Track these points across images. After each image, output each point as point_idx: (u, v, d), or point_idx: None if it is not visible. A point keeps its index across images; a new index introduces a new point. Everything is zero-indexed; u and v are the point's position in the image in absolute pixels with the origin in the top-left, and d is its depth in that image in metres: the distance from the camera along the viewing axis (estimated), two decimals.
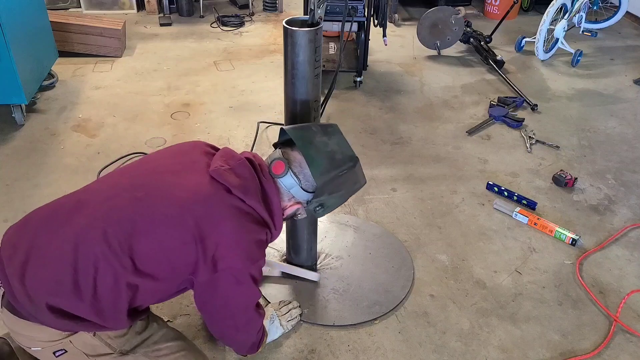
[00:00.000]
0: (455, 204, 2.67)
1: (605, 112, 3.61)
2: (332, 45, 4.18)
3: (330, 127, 1.58)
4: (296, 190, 1.50)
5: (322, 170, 1.48)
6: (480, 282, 2.22)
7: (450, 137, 3.26)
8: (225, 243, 1.35)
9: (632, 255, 2.38)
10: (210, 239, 1.34)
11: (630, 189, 2.83)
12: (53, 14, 4.04)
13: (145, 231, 1.33)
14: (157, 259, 1.34)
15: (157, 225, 1.33)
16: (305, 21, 1.72)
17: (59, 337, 1.37)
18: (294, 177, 1.49)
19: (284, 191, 1.51)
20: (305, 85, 1.77)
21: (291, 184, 1.49)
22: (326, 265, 2.25)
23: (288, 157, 1.50)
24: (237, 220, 1.38)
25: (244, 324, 1.57)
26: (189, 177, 1.41)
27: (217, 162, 1.44)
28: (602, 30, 5.02)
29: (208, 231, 1.34)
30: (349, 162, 1.53)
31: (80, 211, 1.35)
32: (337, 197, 1.57)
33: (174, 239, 1.33)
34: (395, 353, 1.90)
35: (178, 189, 1.37)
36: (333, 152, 1.51)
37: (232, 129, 3.26)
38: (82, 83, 3.77)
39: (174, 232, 1.33)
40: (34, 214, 1.42)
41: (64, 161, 2.90)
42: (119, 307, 1.34)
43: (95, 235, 1.30)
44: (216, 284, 1.40)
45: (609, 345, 1.95)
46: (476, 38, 4.38)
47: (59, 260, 1.29)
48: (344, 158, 1.52)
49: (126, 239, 1.31)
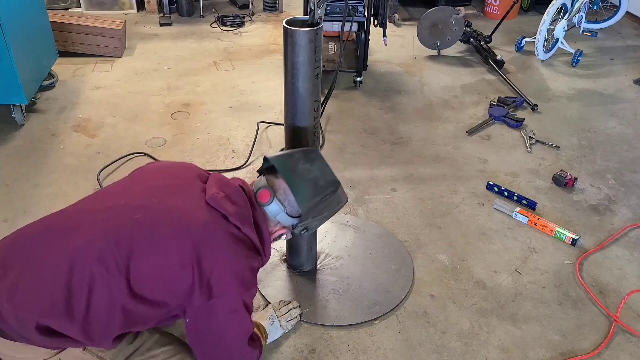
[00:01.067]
0: (455, 204, 2.67)
1: (605, 112, 3.61)
2: (332, 45, 4.18)
3: (313, 152, 1.64)
4: (282, 217, 1.54)
5: (306, 197, 1.53)
6: (480, 282, 2.22)
7: (450, 137, 3.26)
8: (222, 268, 1.37)
9: (632, 255, 2.38)
10: (207, 264, 1.35)
11: (630, 189, 2.83)
12: (53, 14, 4.04)
13: (143, 252, 1.32)
14: (153, 282, 1.33)
15: (155, 247, 1.34)
16: (305, 21, 1.72)
17: (47, 355, 1.35)
18: (280, 204, 1.53)
19: (270, 218, 1.55)
20: (305, 85, 1.77)
21: (277, 211, 1.53)
22: (326, 265, 2.25)
23: (273, 184, 1.54)
24: (233, 247, 1.40)
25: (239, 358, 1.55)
26: (186, 201, 1.42)
27: (212, 188, 1.46)
28: (602, 30, 5.02)
29: (205, 256, 1.35)
30: (331, 187, 1.59)
31: (76, 231, 1.34)
32: (320, 218, 1.63)
33: (172, 262, 1.34)
34: (395, 353, 1.90)
35: (176, 213, 1.39)
36: (316, 179, 1.56)
37: (232, 129, 3.26)
38: (82, 83, 3.77)
39: (171, 256, 1.34)
40: (23, 231, 1.40)
41: (64, 161, 2.90)
42: (109, 330, 1.32)
43: (92, 255, 1.29)
44: (210, 311, 1.39)
45: (609, 345, 1.95)
46: (476, 38, 4.38)
47: (52, 280, 1.28)
48: (327, 184, 1.58)
49: (123, 260, 1.30)
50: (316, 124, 1.91)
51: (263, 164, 1.65)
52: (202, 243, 1.35)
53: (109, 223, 1.35)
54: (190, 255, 1.34)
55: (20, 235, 1.39)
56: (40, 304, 1.26)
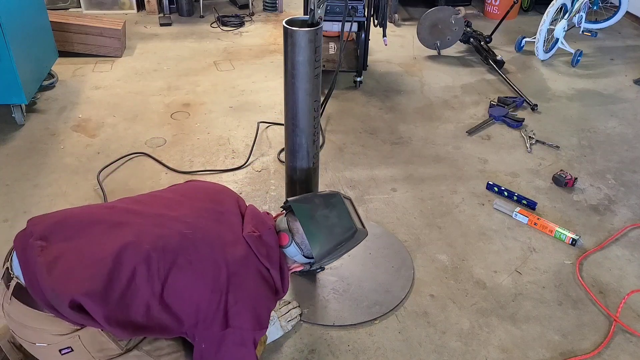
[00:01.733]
0: (455, 204, 2.67)
1: (605, 112, 3.61)
2: (332, 45, 4.18)
3: (334, 197, 1.70)
4: (299, 258, 1.63)
5: (321, 243, 1.60)
6: (480, 282, 2.22)
7: (450, 137, 3.26)
8: (245, 303, 1.46)
9: (632, 255, 2.38)
10: (233, 296, 1.44)
11: (630, 189, 2.83)
12: (53, 14, 4.04)
13: (184, 267, 1.42)
14: (183, 296, 1.42)
15: (196, 266, 1.43)
16: (305, 21, 1.72)
17: (68, 330, 1.39)
18: (297, 247, 1.60)
19: (288, 257, 1.64)
20: (305, 85, 1.77)
21: (294, 253, 1.61)
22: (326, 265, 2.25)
23: (292, 228, 1.62)
24: (259, 286, 1.51)
25: None
26: (228, 231, 1.53)
27: (249, 226, 1.56)
28: (602, 30, 5.02)
29: (234, 288, 1.45)
30: (347, 233, 1.65)
31: (124, 228, 1.44)
32: (336, 257, 1.70)
33: (205, 284, 1.43)
34: (395, 353, 1.90)
35: (219, 241, 1.49)
36: (333, 226, 1.63)
37: (232, 129, 3.26)
38: (82, 83, 3.77)
39: (206, 278, 1.43)
40: (70, 213, 1.50)
41: (64, 161, 2.90)
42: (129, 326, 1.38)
43: (139, 254, 1.38)
44: (222, 339, 1.45)
45: (609, 345, 1.95)
46: (476, 38, 4.38)
47: (97, 265, 1.36)
48: (343, 230, 1.64)
49: (165, 267, 1.40)
50: (316, 124, 1.91)
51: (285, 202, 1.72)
52: (234, 275, 1.45)
53: (161, 230, 1.45)
54: (223, 282, 1.44)
55: (67, 217, 1.48)
56: (80, 284, 1.33)
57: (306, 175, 2.03)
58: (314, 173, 2.04)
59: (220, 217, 1.56)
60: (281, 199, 2.63)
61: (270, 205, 2.61)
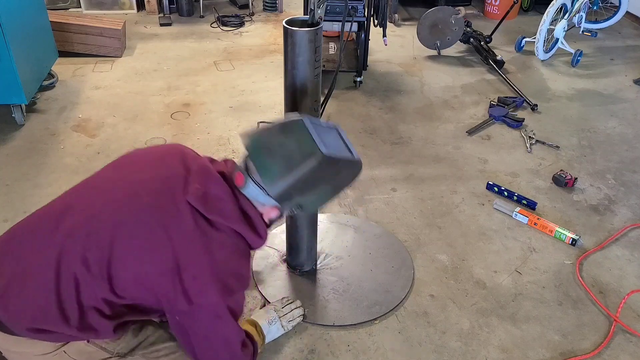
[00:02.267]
0: (455, 204, 2.67)
1: (605, 112, 3.61)
2: (332, 45, 4.18)
3: (296, 123, 1.41)
4: (263, 199, 1.40)
5: (276, 176, 1.35)
6: (480, 282, 2.22)
7: (450, 137, 3.26)
8: (204, 277, 1.32)
9: (632, 255, 2.38)
10: (188, 273, 1.31)
11: (630, 189, 2.83)
12: (53, 14, 4.04)
13: (123, 258, 1.31)
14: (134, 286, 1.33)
15: (136, 254, 1.31)
16: (305, 21, 1.72)
17: (52, 348, 1.36)
18: (256, 186, 1.39)
19: (252, 200, 1.42)
20: (305, 85, 1.77)
21: (256, 193, 1.40)
22: (326, 265, 2.25)
23: (247, 164, 1.41)
24: (218, 252, 1.34)
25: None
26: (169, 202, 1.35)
27: (193, 185, 1.37)
28: (602, 30, 5.02)
29: (186, 265, 1.31)
30: (308, 159, 1.34)
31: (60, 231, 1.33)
32: (316, 194, 1.44)
33: (151, 269, 1.31)
34: (395, 353, 1.90)
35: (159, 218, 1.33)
36: (290, 153, 1.36)
37: (232, 129, 3.26)
38: (82, 83, 3.77)
39: (152, 263, 1.31)
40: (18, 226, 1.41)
41: (64, 161, 2.90)
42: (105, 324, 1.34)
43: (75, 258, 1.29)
44: (192, 316, 1.36)
45: (609, 345, 1.95)
46: (476, 38, 4.38)
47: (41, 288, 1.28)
48: (303, 156, 1.34)
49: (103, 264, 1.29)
50: None
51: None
52: (182, 250, 1.31)
53: (91, 225, 1.33)
54: (170, 263, 1.30)
55: (14, 231, 1.40)
56: (31, 312, 1.28)
57: None
58: None
59: (161, 187, 1.38)
60: None
61: None
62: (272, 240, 2.38)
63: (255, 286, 2.15)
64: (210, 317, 1.38)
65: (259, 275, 2.20)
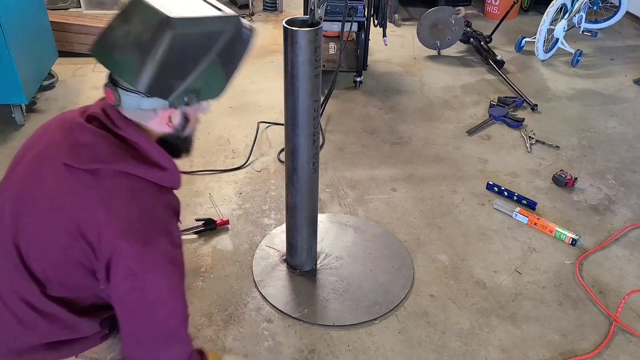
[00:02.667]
0: (455, 204, 2.67)
1: (605, 112, 3.61)
2: (332, 45, 4.18)
3: (132, 5, 1.17)
4: (146, 103, 1.18)
5: (135, 68, 1.12)
6: (480, 282, 2.22)
7: (450, 137, 3.26)
8: (107, 233, 1.16)
9: (632, 255, 2.38)
10: (90, 234, 1.16)
11: (630, 189, 2.83)
12: (53, 14, 4.04)
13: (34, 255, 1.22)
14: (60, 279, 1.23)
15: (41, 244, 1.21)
16: (305, 21, 1.72)
17: None
18: (128, 93, 1.17)
19: (137, 114, 1.21)
20: (305, 85, 1.77)
21: (134, 101, 1.18)
22: (326, 265, 2.25)
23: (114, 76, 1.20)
24: (108, 203, 1.17)
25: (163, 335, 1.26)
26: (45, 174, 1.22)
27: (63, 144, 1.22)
28: (602, 30, 5.02)
29: (85, 224, 1.16)
30: (158, 32, 1.11)
31: None
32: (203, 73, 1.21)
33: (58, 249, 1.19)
34: (395, 353, 1.90)
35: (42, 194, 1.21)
36: (138, 36, 1.13)
37: (232, 129, 3.26)
38: (82, 83, 3.77)
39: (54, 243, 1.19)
40: None
41: None
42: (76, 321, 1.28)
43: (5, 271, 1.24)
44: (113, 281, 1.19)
45: (609, 345, 1.95)
46: (476, 38, 4.38)
47: None
48: (152, 32, 1.11)
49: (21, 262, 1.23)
50: (316, 124, 1.91)
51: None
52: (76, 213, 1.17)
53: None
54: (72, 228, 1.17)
55: None
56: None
57: (306, 176, 2.03)
58: (314, 173, 2.04)
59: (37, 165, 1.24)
60: (281, 199, 2.63)
61: (270, 206, 2.61)
62: (272, 240, 2.38)
63: (256, 286, 2.15)
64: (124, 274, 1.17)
65: (259, 275, 2.20)
